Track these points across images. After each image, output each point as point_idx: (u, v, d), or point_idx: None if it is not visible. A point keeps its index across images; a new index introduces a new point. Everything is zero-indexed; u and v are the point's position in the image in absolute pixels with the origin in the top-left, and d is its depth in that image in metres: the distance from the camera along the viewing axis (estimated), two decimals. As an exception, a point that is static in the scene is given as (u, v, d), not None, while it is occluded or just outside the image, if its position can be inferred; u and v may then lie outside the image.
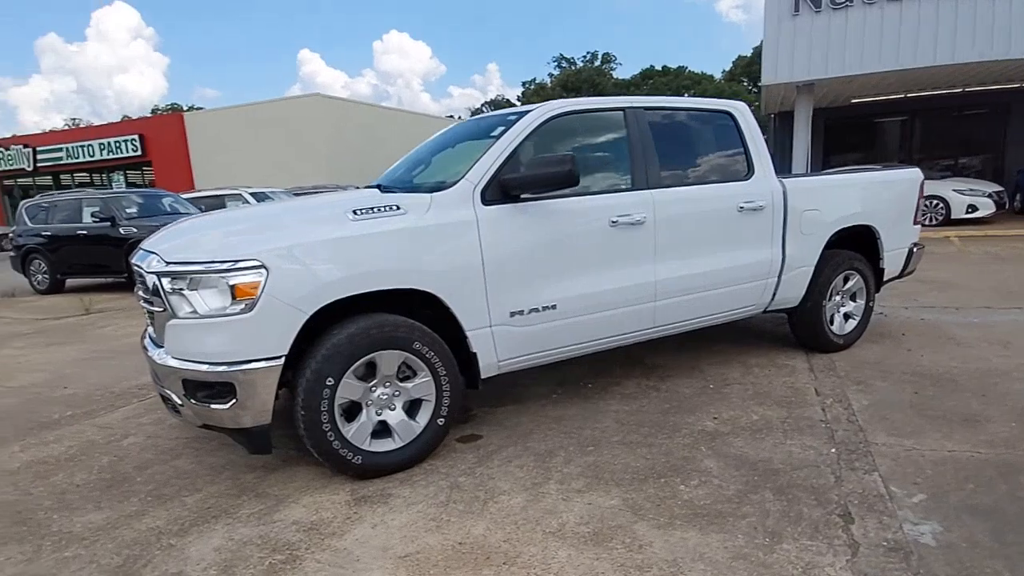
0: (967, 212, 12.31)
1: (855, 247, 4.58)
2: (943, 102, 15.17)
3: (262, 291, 2.54)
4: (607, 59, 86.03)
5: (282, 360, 2.60)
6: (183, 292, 2.59)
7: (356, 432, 2.79)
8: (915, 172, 4.84)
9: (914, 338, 4.77)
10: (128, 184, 26.23)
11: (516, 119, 3.30)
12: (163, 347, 2.74)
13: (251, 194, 13.12)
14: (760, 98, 16.04)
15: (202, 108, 34.32)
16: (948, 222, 12.37)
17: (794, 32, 11.54)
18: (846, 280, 4.50)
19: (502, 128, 3.26)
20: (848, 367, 4.15)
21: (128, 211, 10.02)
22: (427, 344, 2.88)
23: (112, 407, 4.16)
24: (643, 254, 3.47)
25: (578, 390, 3.95)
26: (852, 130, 16.85)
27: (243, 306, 2.54)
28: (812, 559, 2.12)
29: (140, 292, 2.89)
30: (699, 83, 66.43)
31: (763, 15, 11.83)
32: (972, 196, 12.37)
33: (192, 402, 2.65)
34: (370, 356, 2.77)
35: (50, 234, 10.45)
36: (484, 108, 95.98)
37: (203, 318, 2.57)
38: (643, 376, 4.15)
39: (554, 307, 3.21)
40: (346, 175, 21.11)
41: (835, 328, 4.48)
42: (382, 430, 2.90)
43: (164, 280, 2.62)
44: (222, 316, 2.55)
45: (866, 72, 11.13)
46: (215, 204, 11.88)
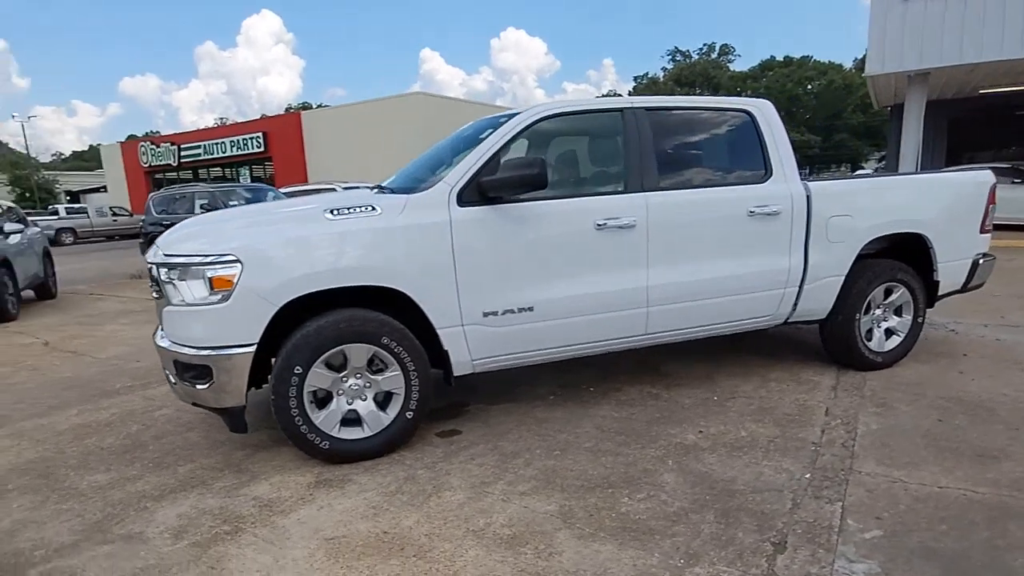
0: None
1: (903, 256, 4.18)
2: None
3: (237, 283, 2.78)
4: (725, 51, 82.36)
5: (254, 348, 2.83)
6: (174, 282, 2.88)
7: (325, 419, 2.98)
8: (982, 174, 4.32)
9: (975, 360, 4.27)
10: (253, 178, 28.69)
11: (505, 121, 3.33)
12: (162, 331, 3.06)
13: (344, 187, 13.94)
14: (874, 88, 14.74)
15: (328, 106, 36.72)
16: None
17: (904, 16, 10.52)
18: (888, 293, 4.11)
19: (490, 131, 3.31)
20: (879, 387, 3.81)
21: (230, 204, 11.02)
22: (396, 339, 3.00)
23: (163, 381, 4.65)
24: (634, 258, 3.39)
25: (576, 393, 3.93)
26: (981, 125, 15.04)
27: (220, 296, 2.79)
28: (718, 586, 2.02)
29: (149, 281, 3.24)
30: (825, 73, 61.91)
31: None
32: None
33: (181, 382, 2.95)
34: (339, 348, 2.93)
35: (168, 223, 11.70)
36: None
37: (189, 306, 2.85)
38: (649, 383, 4.04)
39: (531, 309, 3.22)
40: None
41: (873, 344, 4.11)
42: (353, 419, 3.06)
43: (161, 270, 2.93)
44: (204, 305, 2.82)
45: (988, 60, 9.92)
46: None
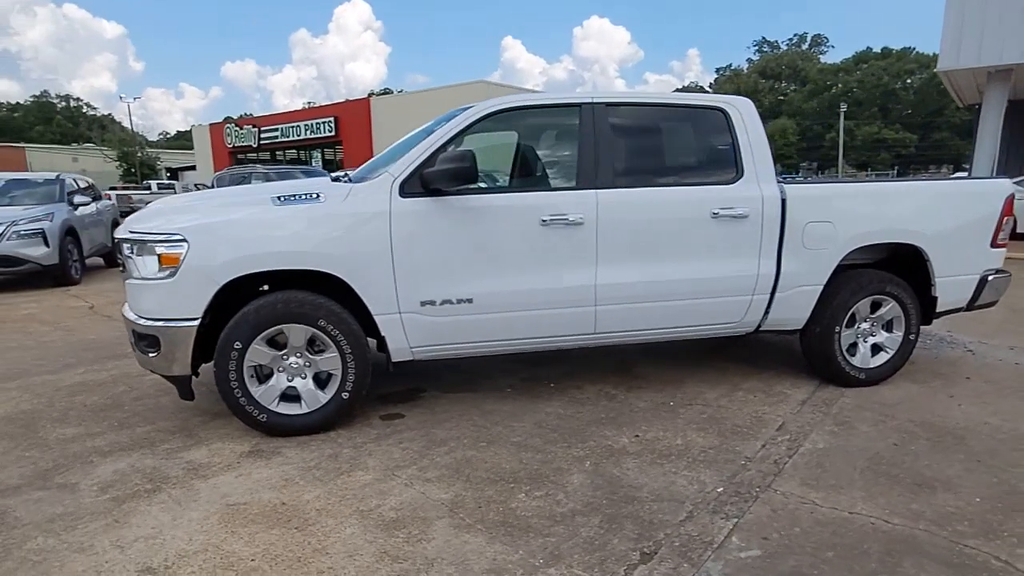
0: None
1: (897, 268, 3.92)
2: None
3: (183, 261, 2.97)
4: (817, 41, 78.16)
5: (197, 322, 3.02)
6: (133, 257, 3.10)
7: (264, 393, 3.14)
8: (997, 183, 3.98)
9: (976, 384, 3.96)
10: (324, 161, 29.84)
11: (457, 115, 3.37)
12: (127, 302, 3.31)
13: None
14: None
15: (404, 92, 37.64)
16: None
17: (984, 5, 9.67)
18: (877, 306, 3.87)
19: (440, 124, 3.36)
20: (851, 404, 3.61)
21: (281, 185, 11.56)
22: (333, 322, 3.12)
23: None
24: (581, 256, 3.35)
25: (534, 388, 3.94)
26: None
27: (167, 273, 2.99)
28: (562, 588, 2.02)
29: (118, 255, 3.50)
30: (927, 67, 57.49)
31: (946, -10, 10.06)
32: None
33: (137, 349, 3.19)
34: (277, 328, 3.08)
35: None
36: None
37: (144, 280, 3.07)
38: (612, 384, 3.99)
39: (471, 301, 3.26)
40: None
41: (857, 360, 3.88)
42: (293, 395, 3.21)
43: (124, 246, 3.17)
44: (154, 280, 3.03)
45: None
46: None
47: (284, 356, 3.17)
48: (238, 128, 34.94)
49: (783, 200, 3.59)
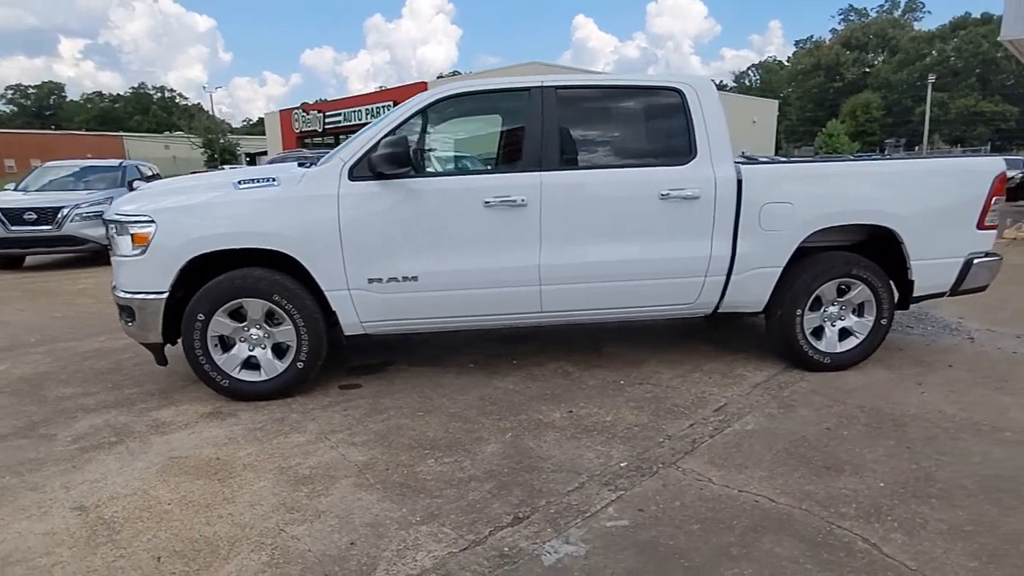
0: None
1: (871, 251, 3.79)
2: None
3: (151, 240, 3.29)
4: (911, 7, 72.70)
5: (165, 295, 3.34)
6: (115, 236, 3.46)
7: (226, 361, 3.44)
8: (984, 162, 3.75)
9: (957, 372, 3.78)
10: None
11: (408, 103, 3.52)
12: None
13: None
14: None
15: (470, 73, 38.01)
16: None
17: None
18: (845, 290, 3.76)
19: (390, 111, 3.52)
20: (805, 389, 3.55)
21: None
22: (287, 297, 3.37)
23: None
24: (525, 236, 3.45)
25: (495, 364, 4.08)
26: None
27: (140, 251, 3.32)
28: (424, 542, 2.18)
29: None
30: (1034, 32, 52.29)
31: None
32: None
33: (120, 320, 3.56)
34: (237, 302, 3.36)
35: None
36: (750, 71, 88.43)
37: (122, 257, 3.42)
38: (574, 363, 4.07)
39: (415, 279, 3.43)
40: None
41: (822, 345, 3.80)
42: (255, 364, 3.50)
43: (109, 226, 3.52)
44: (129, 256, 3.37)
45: None
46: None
47: (245, 328, 3.45)
48: (304, 114, 36.32)
49: (739, 181, 3.54)
